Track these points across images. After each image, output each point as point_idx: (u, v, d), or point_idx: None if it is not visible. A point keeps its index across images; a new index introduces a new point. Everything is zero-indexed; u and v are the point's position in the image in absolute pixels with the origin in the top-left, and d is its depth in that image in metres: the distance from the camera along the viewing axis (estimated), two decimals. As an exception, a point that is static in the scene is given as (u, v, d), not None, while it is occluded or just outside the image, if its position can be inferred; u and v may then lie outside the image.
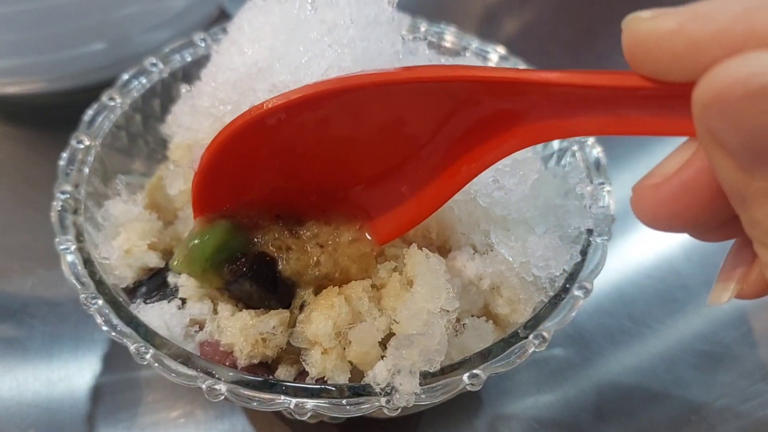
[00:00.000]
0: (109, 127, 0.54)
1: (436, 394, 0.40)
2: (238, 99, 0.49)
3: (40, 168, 0.72)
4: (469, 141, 0.39)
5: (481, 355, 0.42)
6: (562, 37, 0.95)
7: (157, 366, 0.41)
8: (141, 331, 0.43)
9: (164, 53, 0.58)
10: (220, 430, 0.54)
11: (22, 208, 0.69)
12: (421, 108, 0.39)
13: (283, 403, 0.39)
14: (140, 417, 0.55)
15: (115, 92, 0.55)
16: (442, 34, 0.62)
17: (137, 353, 0.41)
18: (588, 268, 0.46)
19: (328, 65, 0.45)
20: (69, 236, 0.46)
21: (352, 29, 0.45)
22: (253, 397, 0.40)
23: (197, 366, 0.41)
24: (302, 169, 0.43)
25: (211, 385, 0.40)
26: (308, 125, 0.40)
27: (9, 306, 0.61)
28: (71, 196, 0.49)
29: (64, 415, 0.55)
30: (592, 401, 0.57)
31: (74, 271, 0.45)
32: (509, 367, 0.41)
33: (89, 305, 0.43)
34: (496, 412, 0.56)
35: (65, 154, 0.51)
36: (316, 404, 0.39)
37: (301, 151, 0.42)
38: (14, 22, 0.65)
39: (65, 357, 0.58)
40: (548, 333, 0.42)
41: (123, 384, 0.57)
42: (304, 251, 0.44)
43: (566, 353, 0.60)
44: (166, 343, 0.42)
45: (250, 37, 0.49)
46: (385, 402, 0.39)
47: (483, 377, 0.40)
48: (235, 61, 0.49)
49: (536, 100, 0.35)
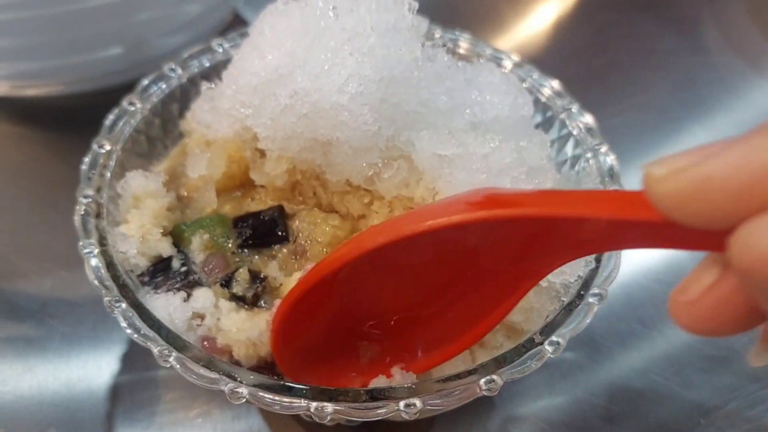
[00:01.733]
0: (130, 131, 0.55)
1: (453, 399, 0.41)
2: (258, 103, 0.49)
3: (59, 170, 0.73)
4: (522, 263, 0.38)
5: (497, 362, 0.43)
6: (574, 41, 0.96)
7: (180, 369, 0.42)
8: (163, 333, 0.43)
9: (183, 59, 0.59)
10: (236, 430, 0.55)
11: (41, 210, 0.70)
12: (485, 241, 0.38)
13: (302, 407, 0.40)
14: (158, 416, 0.56)
15: (135, 97, 0.56)
16: (456, 41, 0.62)
17: (160, 356, 0.42)
18: (602, 275, 0.47)
19: (348, 74, 0.46)
20: (92, 240, 0.47)
21: (372, 37, 0.46)
22: (274, 401, 0.41)
23: (219, 369, 0.42)
24: (367, 307, 0.44)
25: (233, 389, 0.41)
26: (370, 272, 0.40)
27: (29, 306, 0.62)
28: (93, 200, 0.50)
29: (83, 414, 0.56)
30: (602, 404, 0.58)
31: (98, 274, 0.46)
32: (525, 373, 0.42)
33: (113, 308, 0.44)
34: (508, 413, 0.57)
35: (87, 158, 0.52)
36: (336, 408, 0.40)
37: (365, 292, 0.42)
38: (33, 26, 0.66)
39: (84, 357, 0.59)
40: (563, 339, 0.43)
41: (141, 383, 0.58)
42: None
43: (577, 356, 0.61)
44: (189, 346, 0.43)
45: (271, 42, 0.50)
46: (404, 406, 0.40)
47: (499, 383, 0.41)
48: (256, 66, 0.50)
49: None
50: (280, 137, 0.50)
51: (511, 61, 0.61)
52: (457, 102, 0.49)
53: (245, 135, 0.53)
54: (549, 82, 0.59)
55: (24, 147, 0.77)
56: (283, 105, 0.48)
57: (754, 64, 0.94)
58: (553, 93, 0.59)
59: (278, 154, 0.51)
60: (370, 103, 0.46)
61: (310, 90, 0.47)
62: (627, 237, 0.32)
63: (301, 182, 0.53)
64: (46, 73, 0.73)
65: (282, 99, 0.48)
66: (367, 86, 0.46)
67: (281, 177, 0.52)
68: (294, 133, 0.49)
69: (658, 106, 0.87)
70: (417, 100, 0.48)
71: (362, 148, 0.48)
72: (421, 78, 0.48)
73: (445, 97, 0.49)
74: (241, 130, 0.53)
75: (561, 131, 0.57)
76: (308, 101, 0.47)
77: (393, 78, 0.47)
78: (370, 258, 0.37)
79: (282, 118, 0.49)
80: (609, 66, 0.92)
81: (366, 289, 0.42)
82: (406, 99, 0.48)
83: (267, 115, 0.49)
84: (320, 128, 0.48)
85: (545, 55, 0.92)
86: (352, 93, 0.46)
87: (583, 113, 0.57)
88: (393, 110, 0.47)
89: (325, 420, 0.41)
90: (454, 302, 0.42)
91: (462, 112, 0.49)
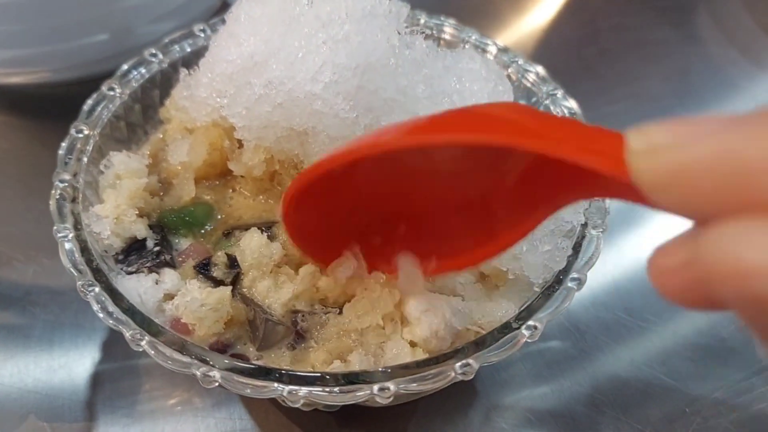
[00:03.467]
0: (108, 116, 0.54)
1: (428, 383, 0.40)
2: (234, 92, 0.49)
3: (43, 158, 0.71)
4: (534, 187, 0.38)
5: (474, 345, 0.42)
6: (564, 30, 0.95)
7: (153, 353, 0.41)
8: (137, 318, 0.43)
9: (164, 44, 0.59)
10: (217, 418, 0.55)
11: (24, 198, 0.70)
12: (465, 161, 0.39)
13: (276, 390, 0.40)
14: (139, 404, 0.55)
15: (114, 82, 0.56)
16: (441, 27, 0.62)
17: (133, 340, 0.42)
18: (582, 260, 0.46)
19: (322, 62, 0.45)
20: (67, 224, 0.47)
21: (347, 24, 0.46)
22: (247, 384, 0.40)
23: (192, 353, 0.41)
24: (378, 206, 0.44)
25: (205, 372, 0.40)
26: (371, 174, 0.41)
27: (11, 294, 0.62)
28: (69, 185, 0.49)
29: (63, 401, 0.55)
30: (588, 393, 0.57)
31: (72, 258, 0.45)
32: (501, 357, 0.41)
33: (86, 292, 0.43)
34: (492, 402, 0.57)
35: (65, 143, 0.51)
36: (310, 391, 0.40)
37: (376, 190, 0.43)
38: (18, 13, 0.66)
39: (66, 345, 0.59)
40: (540, 324, 0.43)
41: (122, 372, 0.57)
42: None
43: (562, 345, 0.60)
44: (162, 331, 0.43)
45: (247, 29, 0.49)
46: (378, 390, 0.40)
47: (475, 367, 0.41)
48: (232, 53, 0.49)
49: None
50: (256, 126, 0.49)
51: (496, 47, 0.60)
52: (436, 89, 0.49)
53: (224, 124, 0.52)
54: (534, 68, 0.58)
55: (9, 135, 0.76)
56: (258, 94, 0.48)
57: (748, 54, 0.93)
58: (537, 78, 0.58)
59: (255, 144, 0.50)
60: (345, 92, 0.46)
61: (284, 79, 0.46)
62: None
63: (280, 172, 0.53)
64: (31, 61, 0.72)
65: (257, 88, 0.48)
66: (342, 74, 0.45)
67: (259, 167, 0.51)
68: (270, 123, 0.48)
69: (650, 96, 0.87)
70: (395, 88, 0.47)
71: (340, 137, 0.47)
72: (398, 65, 0.47)
73: (424, 84, 0.48)
74: (219, 119, 0.52)
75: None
76: (282, 90, 0.47)
77: (369, 65, 0.46)
78: (380, 160, 0.38)
79: (257, 108, 0.48)
80: (600, 56, 0.91)
81: (377, 187, 0.43)
82: (383, 86, 0.47)
83: (242, 104, 0.49)
84: (296, 117, 0.47)
85: (535, 44, 0.91)
86: (326, 82, 0.45)
87: (567, 98, 0.56)
88: (370, 98, 0.47)
89: (299, 404, 0.41)
90: (461, 219, 0.43)
91: (441, 99, 0.49)
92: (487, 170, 0.39)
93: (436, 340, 0.44)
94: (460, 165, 0.39)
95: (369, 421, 0.55)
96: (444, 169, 0.40)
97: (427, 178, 0.41)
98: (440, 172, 0.41)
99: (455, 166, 0.40)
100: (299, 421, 0.54)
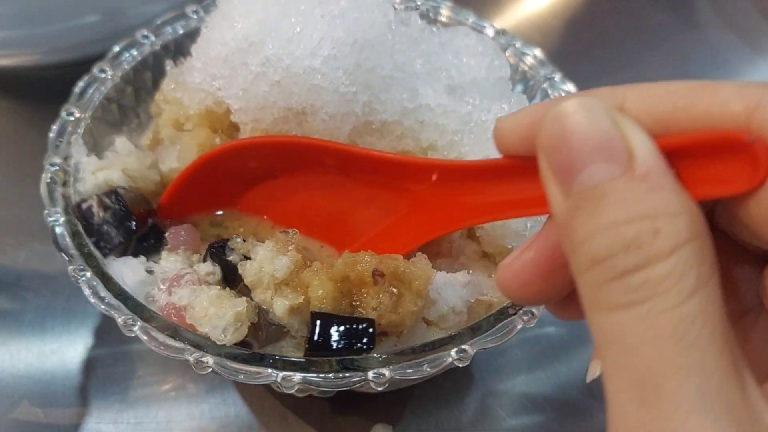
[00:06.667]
0: (100, 99, 0.53)
1: (423, 368, 0.40)
2: (229, 74, 0.48)
3: (34, 141, 0.70)
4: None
5: (470, 330, 0.42)
6: (562, 14, 0.93)
7: (145, 338, 0.41)
8: (129, 303, 0.42)
9: (156, 25, 0.58)
10: (211, 403, 0.54)
11: (15, 182, 0.69)
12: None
13: (270, 376, 0.39)
14: (132, 390, 0.55)
15: (106, 64, 0.55)
16: (438, 9, 0.61)
17: (125, 325, 0.41)
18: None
19: (320, 37, 0.45)
20: (58, 208, 0.46)
21: (343, 0, 0.45)
22: (240, 370, 0.40)
23: (185, 338, 0.41)
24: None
25: (198, 358, 0.40)
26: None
27: (2, 279, 0.61)
28: (60, 168, 0.48)
29: (56, 387, 0.55)
30: (583, 379, 0.56)
31: (63, 243, 0.45)
32: (497, 342, 0.41)
33: (77, 277, 0.43)
34: (488, 388, 0.56)
35: (55, 126, 0.51)
36: (304, 377, 0.39)
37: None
38: (7, -7, 0.65)
39: (58, 330, 0.58)
40: (538, 309, 0.42)
41: (115, 357, 0.57)
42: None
43: (558, 331, 0.60)
44: (154, 317, 0.42)
45: (241, 11, 0.49)
46: (372, 376, 0.39)
47: (471, 353, 0.40)
48: (226, 36, 0.48)
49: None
50: (253, 108, 0.48)
51: (493, 29, 0.59)
52: (433, 66, 0.48)
53: (218, 110, 0.52)
54: (531, 51, 0.58)
55: (-1, 118, 0.75)
56: (254, 74, 0.47)
57: (748, 39, 0.92)
58: (535, 62, 0.57)
59: (252, 126, 0.49)
60: (344, 66, 0.45)
61: (282, 56, 0.46)
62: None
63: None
64: (20, 42, 0.71)
65: (253, 67, 0.47)
66: (341, 49, 0.45)
67: (256, 149, 0.51)
68: (267, 103, 0.48)
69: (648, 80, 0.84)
70: (392, 65, 0.47)
71: (338, 114, 0.47)
72: (395, 41, 0.47)
73: (421, 60, 0.48)
74: (213, 105, 0.51)
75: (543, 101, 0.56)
76: (280, 67, 0.46)
77: (367, 42, 0.46)
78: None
79: (254, 88, 0.47)
80: (598, 40, 0.90)
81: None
82: (380, 64, 0.46)
83: (239, 85, 0.48)
84: (294, 95, 0.47)
85: (533, 28, 0.90)
86: (325, 56, 0.45)
87: (565, 82, 0.55)
88: (368, 75, 0.46)
89: (293, 390, 0.40)
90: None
91: (438, 75, 0.48)
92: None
93: (453, 314, 0.44)
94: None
95: (364, 406, 0.54)
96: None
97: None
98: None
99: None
100: (293, 407, 0.54)
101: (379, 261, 0.41)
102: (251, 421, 0.54)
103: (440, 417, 0.55)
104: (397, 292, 0.41)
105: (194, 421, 0.54)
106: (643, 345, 0.23)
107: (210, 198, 0.50)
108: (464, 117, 0.47)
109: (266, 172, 0.49)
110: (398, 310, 0.41)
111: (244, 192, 0.50)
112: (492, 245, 0.48)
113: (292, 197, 0.49)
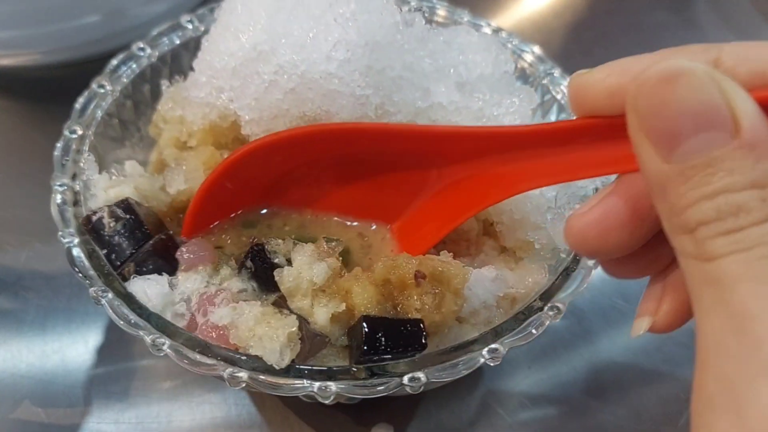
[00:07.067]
0: (101, 114, 0.52)
1: (457, 370, 0.40)
2: (240, 85, 0.48)
3: (36, 141, 0.71)
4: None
5: (497, 331, 0.42)
6: (562, 15, 0.93)
7: (175, 356, 0.40)
8: (154, 321, 0.42)
9: (152, 37, 0.57)
10: (212, 403, 0.54)
11: (17, 181, 0.68)
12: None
13: (305, 388, 0.39)
14: (133, 389, 0.55)
15: (104, 79, 0.54)
16: (433, 9, 0.61)
17: (153, 345, 0.41)
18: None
19: (335, 41, 0.44)
20: (71, 229, 0.45)
21: (353, 2, 0.45)
22: (275, 384, 0.40)
23: (217, 355, 0.40)
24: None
25: (232, 373, 0.40)
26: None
27: (4, 279, 0.61)
28: (69, 188, 0.48)
29: (58, 386, 0.55)
30: (584, 378, 0.58)
31: (80, 265, 0.44)
32: (528, 340, 0.41)
33: (100, 298, 0.42)
34: (488, 388, 0.57)
35: (59, 144, 0.50)
36: (339, 386, 0.39)
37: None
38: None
39: (59, 329, 0.58)
40: (563, 305, 0.43)
41: (116, 357, 0.56)
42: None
43: (559, 331, 0.60)
44: (181, 333, 0.41)
45: (244, 20, 0.48)
46: (408, 380, 0.39)
47: (503, 351, 0.41)
48: (232, 46, 0.48)
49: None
50: (266, 117, 0.48)
51: (490, 28, 0.60)
52: (441, 64, 0.49)
53: (222, 124, 0.51)
54: (530, 48, 0.58)
55: (0, 118, 0.74)
56: (267, 82, 0.47)
57: (747, 38, 0.92)
58: (534, 58, 0.58)
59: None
60: (359, 69, 0.45)
61: (297, 62, 0.45)
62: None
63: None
64: (22, 42, 0.70)
65: (266, 76, 0.47)
66: (354, 51, 0.45)
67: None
68: (280, 111, 0.47)
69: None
70: (402, 65, 0.47)
71: (352, 118, 0.47)
72: (403, 42, 0.47)
73: (429, 59, 0.48)
74: (218, 119, 0.51)
75: (544, 97, 0.57)
76: (295, 74, 0.46)
77: (377, 43, 0.46)
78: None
79: (267, 97, 0.47)
80: (598, 40, 0.90)
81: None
82: (390, 64, 0.47)
83: (250, 95, 0.48)
84: (308, 102, 0.47)
85: (533, 27, 0.90)
86: (341, 60, 0.45)
87: (565, 77, 0.56)
88: (379, 77, 0.46)
89: (329, 399, 0.40)
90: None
91: (447, 73, 0.49)
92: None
93: (484, 309, 0.44)
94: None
95: (365, 408, 0.54)
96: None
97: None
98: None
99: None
100: (294, 407, 0.54)
101: (420, 262, 0.41)
102: (252, 421, 0.54)
103: (440, 417, 0.55)
104: (440, 292, 0.41)
105: (195, 420, 0.54)
106: (740, 284, 0.25)
107: (241, 199, 0.49)
108: (476, 113, 0.47)
109: (299, 165, 0.48)
110: (441, 310, 0.41)
111: (279, 188, 0.49)
112: (512, 239, 0.48)
113: (328, 184, 0.49)
